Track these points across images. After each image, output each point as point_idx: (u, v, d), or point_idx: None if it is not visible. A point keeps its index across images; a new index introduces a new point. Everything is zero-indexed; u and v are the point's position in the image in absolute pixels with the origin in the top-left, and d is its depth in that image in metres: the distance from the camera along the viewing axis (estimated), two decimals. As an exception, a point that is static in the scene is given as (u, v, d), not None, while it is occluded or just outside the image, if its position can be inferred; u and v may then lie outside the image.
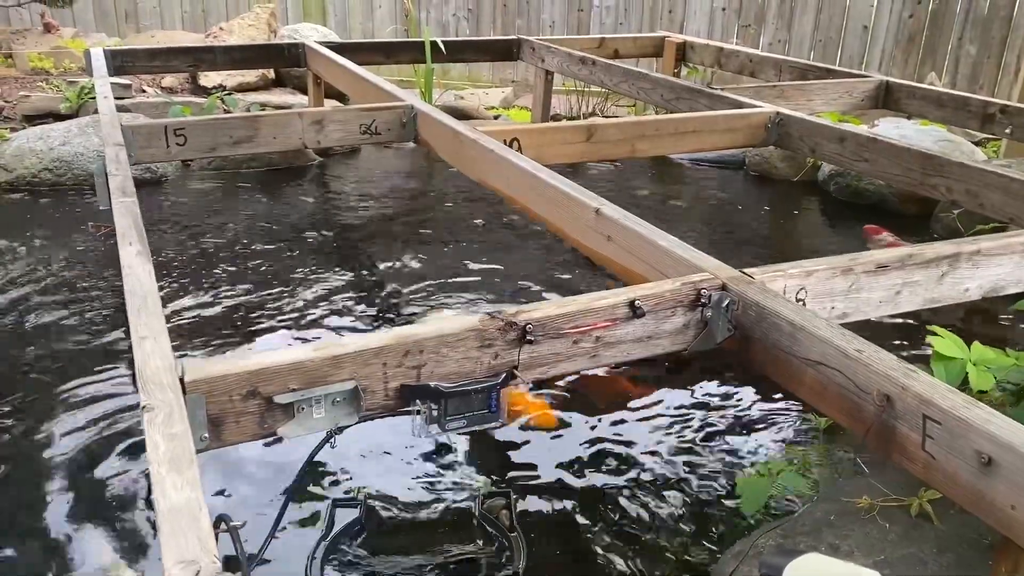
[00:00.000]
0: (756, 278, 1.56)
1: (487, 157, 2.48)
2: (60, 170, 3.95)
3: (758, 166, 4.56)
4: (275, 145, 2.91)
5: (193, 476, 1.01)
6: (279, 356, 1.29)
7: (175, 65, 4.47)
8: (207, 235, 3.44)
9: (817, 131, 2.96)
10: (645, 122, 3.01)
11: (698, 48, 4.97)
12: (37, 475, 1.94)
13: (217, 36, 5.50)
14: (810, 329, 1.39)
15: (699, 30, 6.68)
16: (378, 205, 3.96)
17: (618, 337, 1.49)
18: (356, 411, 1.34)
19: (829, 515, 1.50)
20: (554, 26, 7.03)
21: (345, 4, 7.25)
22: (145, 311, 1.42)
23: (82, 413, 2.19)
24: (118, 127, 2.61)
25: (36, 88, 4.89)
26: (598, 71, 4.17)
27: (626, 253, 1.85)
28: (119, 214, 1.91)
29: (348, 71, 3.76)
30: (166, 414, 1.13)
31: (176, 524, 0.94)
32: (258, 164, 4.31)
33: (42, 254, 3.19)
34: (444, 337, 1.39)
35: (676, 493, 1.91)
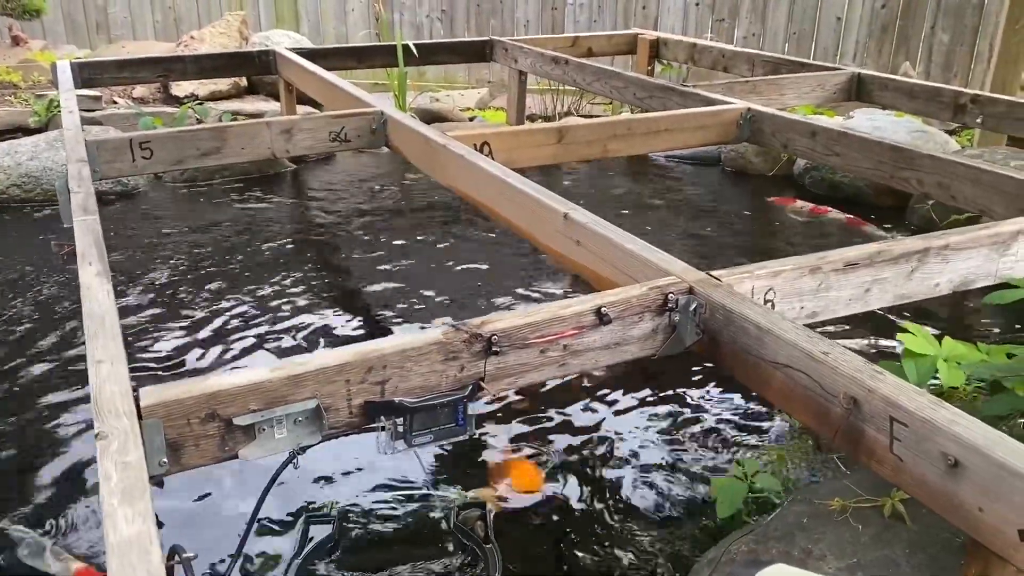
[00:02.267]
0: (723, 280, 1.55)
1: (456, 162, 2.46)
2: (28, 186, 3.90)
3: (733, 161, 4.56)
4: (244, 155, 2.88)
5: (145, 507, 0.99)
6: (237, 377, 1.26)
7: (144, 76, 4.42)
8: (176, 249, 3.40)
9: (788, 126, 2.95)
10: (616, 122, 3.00)
11: (671, 44, 4.97)
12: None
13: (188, 45, 5.45)
14: (777, 332, 1.38)
15: (673, 25, 6.69)
16: (350, 212, 3.93)
17: (586, 345, 1.48)
18: (319, 430, 1.32)
19: (802, 518, 1.49)
20: (528, 25, 7.02)
21: (317, 9, 7.21)
22: (102, 334, 1.40)
23: (40, 437, 2.16)
24: (82, 142, 2.57)
25: (4, 103, 4.84)
26: (571, 71, 4.16)
27: (595, 257, 1.83)
28: (80, 232, 1.87)
29: (318, 77, 3.73)
30: (120, 442, 1.11)
31: (126, 558, 0.91)
32: (231, 174, 4.28)
33: (6, 273, 3.15)
34: (407, 351, 1.37)
35: (651, 498, 1.90)
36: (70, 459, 2.08)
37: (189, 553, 1.00)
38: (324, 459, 1.97)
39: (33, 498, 1.93)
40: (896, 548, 1.37)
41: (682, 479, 1.96)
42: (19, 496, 1.94)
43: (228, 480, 1.94)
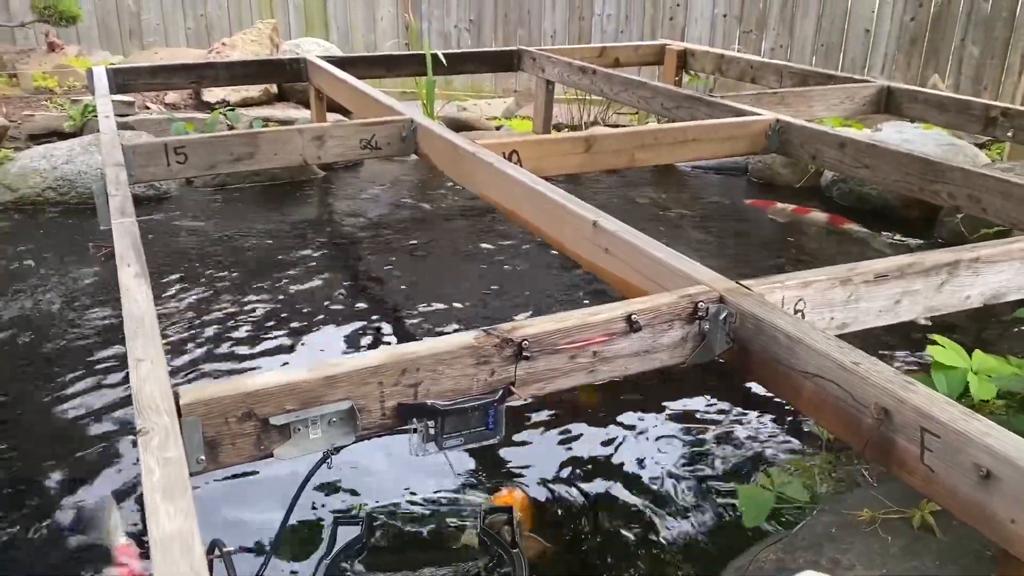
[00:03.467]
0: (754, 290, 1.56)
1: (486, 170, 2.48)
2: (63, 189, 3.97)
3: (760, 172, 4.55)
4: (276, 161, 2.92)
5: (187, 503, 1.01)
6: (275, 377, 1.29)
7: (177, 82, 4.49)
8: (208, 252, 3.45)
9: (817, 138, 2.95)
10: (644, 132, 3.01)
11: (699, 55, 4.97)
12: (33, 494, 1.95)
13: (220, 52, 5.52)
14: (807, 341, 1.38)
15: (700, 37, 6.69)
16: (379, 219, 3.97)
17: (615, 352, 1.49)
18: (353, 431, 1.34)
19: (830, 528, 1.49)
20: (555, 35, 7.05)
21: (347, 18, 7.29)
22: (142, 333, 1.43)
23: (80, 433, 2.20)
24: (118, 146, 2.62)
25: (40, 107, 4.93)
26: (598, 80, 4.18)
27: (624, 265, 1.85)
28: (118, 235, 1.91)
29: (349, 85, 3.77)
30: (161, 438, 1.13)
31: (169, 552, 0.94)
32: (261, 179, 4.33)
33: (46, 274, 3.21)
34: (440, 355, 1.39)
35: (677, 505, 1.90)
36: (108, 452, 2.12)
37: (229, 547, 1.02)
38: (355, 461, 1.99)
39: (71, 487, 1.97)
40: (926, 559, 1.37)
41: (707, 487, 1.96)
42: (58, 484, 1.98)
43: (262, 478, 1.97)
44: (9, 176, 4.00)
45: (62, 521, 1.87)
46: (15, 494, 1.96)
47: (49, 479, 2.02)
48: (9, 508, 1.91)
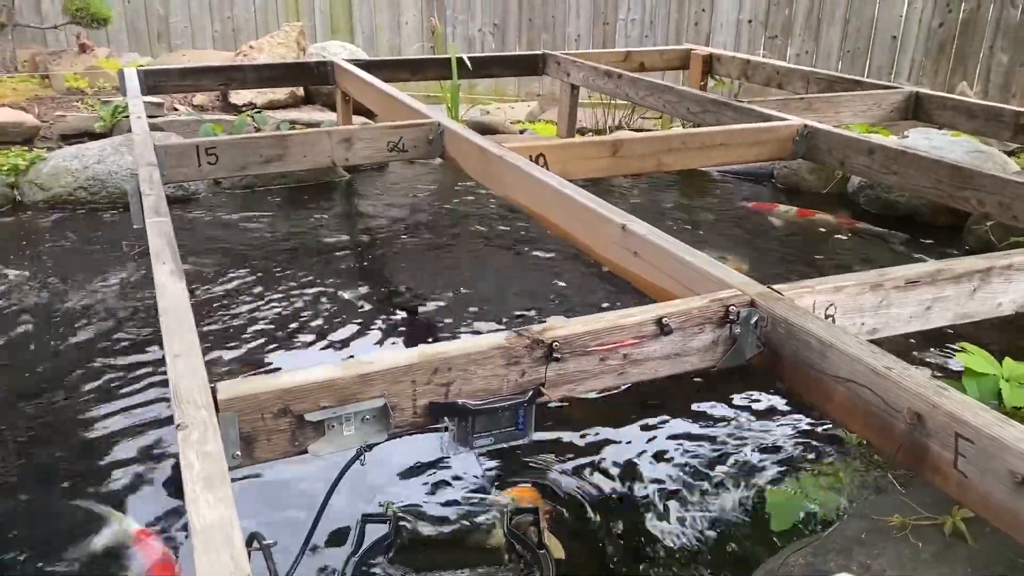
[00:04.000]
0: (785, 294, 1.56)
1: (513, 173, 2.49)
2: (94, 188, 4.03)
3: (786, 178, 4.53)
4: (304, 163, 2.95)
5: (226, 494, 1.03)
6: (310, 374, 1.30)
7: (206, 84, 4.54)
8: (237, 252, 3.49)
9: (845, 143, 2.94)
10: (671, 136, 3.01)
11: (724, 60, 4.97)
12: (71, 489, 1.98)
13: (247, 54, 5.58)
14: (839, 346, 1.38)
15: (725, 42, 6.68)
16: (406, 221, 3.99)
17: (646, 355, 1.49)
18: (386, 428, 1.36)
19: (860, 533, 1.48)
20: (579, 40, 7.06)
21: (372, 22, 7.34)
22: (179, 330, 1.45)
23: (114, 427, 2.23)
24: (151, 147, 2.66)
25: (71, 108, 5.00)
26: (624, 85, 4.18)
27: (653, 269, 1.85)
28: (153, 233, 1.94)
29: (375, 88, 3.80)
30: (200, 432, 1.15)
31: (209, 542, 0.95)
32: (288, 181, 4.37)
33: (78, 271, 3.25)
34: (471, 355, 1.40)
35: (704, 508, 1.90)
36: (143, 443, 2.15)
37: (268, 540, 1.04)
38: (384, 459, 2.01)
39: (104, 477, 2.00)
40: (957, 567, 1.36)
41: (735, 490, 1.96)
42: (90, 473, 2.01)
43: (293, 475, 1.99)
44: (42, 175, 4.06)
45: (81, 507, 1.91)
46: (46, 478, 2.00)
47: (81, 463, 2.05)
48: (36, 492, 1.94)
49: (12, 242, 3.58)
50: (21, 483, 2.01)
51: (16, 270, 3.25)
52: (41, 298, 3.01)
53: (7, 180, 4.07)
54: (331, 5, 7.35)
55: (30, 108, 4.91)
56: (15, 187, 4.09)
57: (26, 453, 2.13)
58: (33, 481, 2.02)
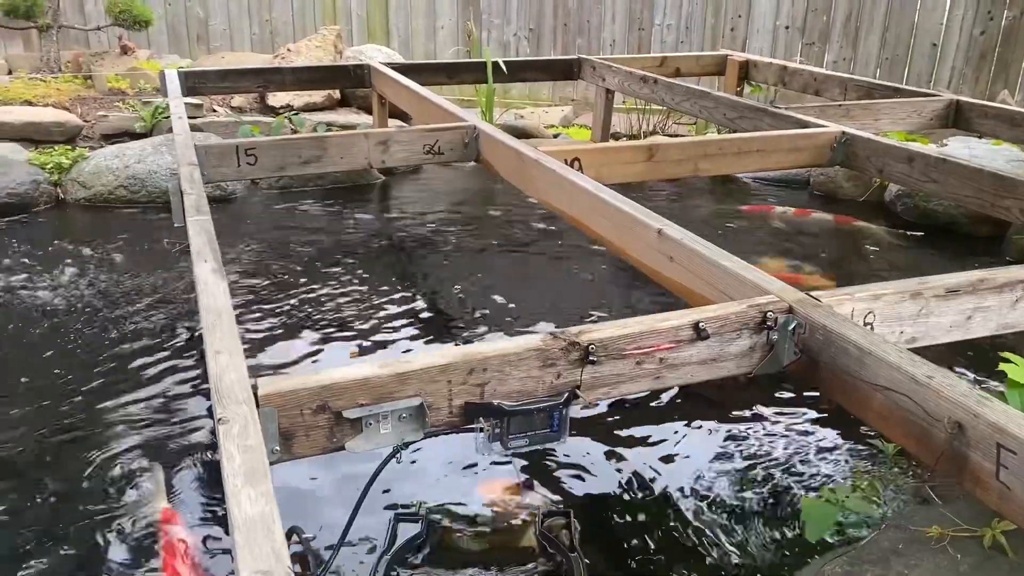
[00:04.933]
0: (823, 301, 1.55)
1: (548, 177, 2.50)
2: (134, 187, 4.09)
3: (823, 185, 4.49)
4: (342, 165, 2.98)
5: (267, 488, 1.04)
6: (349, 372, 1.32)
7: (245, 86, 4.60)
8: (275, 251, 3.53)
9: (884, 151, 2.91)
10: (707, 141, 3.00)
11: (761, 66, 4.94)
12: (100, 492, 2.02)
13: (285, 57, 5.64)
14: (879, 354, 1.37)
15: (762, 48, 6.63)
16: (440, 223, 4.01)
17: (682, 359, 1.49)
18: (422, 427, 1.37)
19: (897, 544, 1.47)
20: (614, 45, 7.06)
21: (408, 26, 7.38)
22: (220, 326, 1.47)
23: (148, 416, 2.27)
24: (192, 147, 2.70)
25: (113, 108, 5.08)
26: (659, 90, 4.17)
27: (688, 274, 1.85)
28: (194, 232, 1.97)
29: (412, 91, 3.82)
30: (241, 426, 1.17)
31: (251, 535, 0.97)
32: (323, 182, 4.41)
33: (118, 268, 3.31)
34: (507, 356, 1.40)
35: (738, 516, 1.89)
36: (173, 435, 2.18)
37: (308, 534, 1.05)
38: (416, 458, 2.03)
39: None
40: (997, 580, 1.34)
41: (771, 499, 1.94)
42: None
43: (328, 471, 2.01)
44: (84, 174, 4.13)
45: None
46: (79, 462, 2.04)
47: (113, 448, 2.10)
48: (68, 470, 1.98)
49: (55, 239, 3.65)
50: (61, 454, 2.05)
51: (59, 266, 3.31)
52: (82, 293, 3.07)
53: (51, 178, 4.15)
54: (368, 9, 7.41)
55: (73, 108, 5.00)
56: (58, 185, 4.17)
57: (62, 436, 2.17)
58: (70, 453, 2.06)
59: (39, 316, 2.90)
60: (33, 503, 1.93)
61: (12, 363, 2.58)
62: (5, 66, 5.99)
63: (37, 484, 2.00)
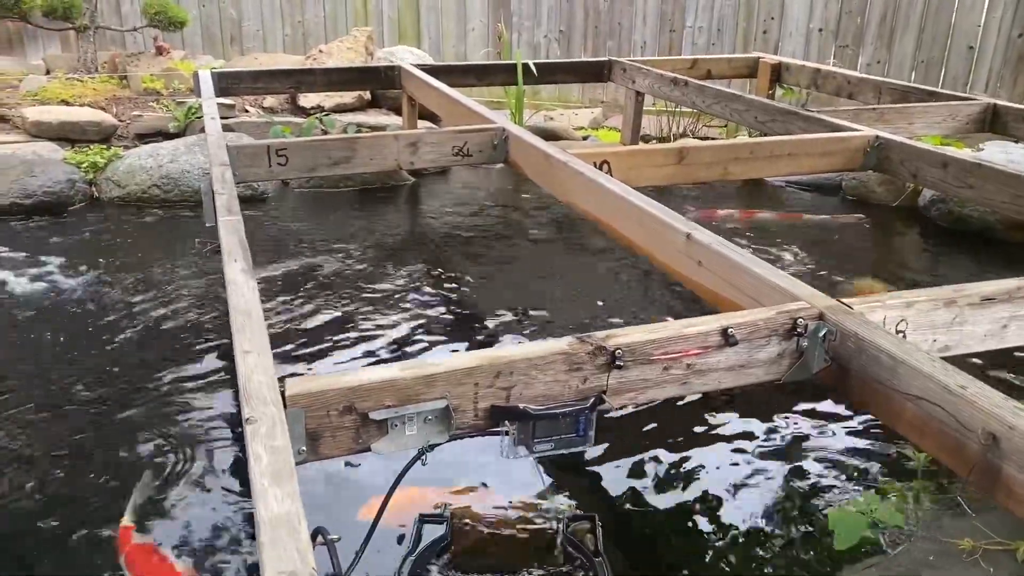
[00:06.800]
0: (855, 308, 1.53)
1: (577, 179, 2.49)
2: (168, 187, 4.14)
3: (855, 190, 4.44)
4: (371, 166, 2.99)
5: (293, 489, 1.05)
6: (375, 373, 1.32)
7: (277, 86, 4.64)
8: (305, 251, 3.55)
9: (919, 156, 2.87)
10: (738, 145, 2.98)
11: (794, 69, 4.89)
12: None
13: (317, 58, 5.68)
14: (911, 363, 1.35)
15: (794, 51, 6.57)
16: (469, 224, 4.02)
17: (710, 365, 1.48)
18: (447, 430, 1.37)
19: (928, 555, 1.44)
20: (645, 47, 7.02)
21: (439, 27, 7.40)
22: (249, 326, 1.48)
23: (177, 417, 2.29)
24: (224, 147, 2.72)
25: (148, 108, 5.15)
26: (690, 92, 4.15)
27: (717, 279, 1.83)
28: (225, 232, 1.99)
29: (441, 93, 3.83)
30: (268, 427, 1.17)
31: (276, 535, 0.97)
32: (353, 183, 4.44)
33: (151, 266, 3.35)
34: (533, 359, 1.40)
35: (765, 525, 1.87)
36: (199, 436, 2.21)
37: (333, 535, 1.06)
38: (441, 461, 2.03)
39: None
40: (1030, 595, 1.31)
41: (799, 507, 1.92)
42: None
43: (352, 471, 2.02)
44: (118, 173, 4.19)
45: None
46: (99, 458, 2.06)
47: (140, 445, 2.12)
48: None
49: (90, 236, 3.71)
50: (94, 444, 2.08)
51: (92, 264, 3.36)
52: (113, 290, 3.11)
53: (86, 177, 4.22)
54: (399, 11, 7.44)
55: (108, 108, 5.08)
56: (93, 184, 4.23)
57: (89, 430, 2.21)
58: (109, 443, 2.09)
59: (75, 311, 2.94)
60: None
61: (44, 354, 2.63)
62: (43, 66, 6.10)
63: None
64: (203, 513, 1.94)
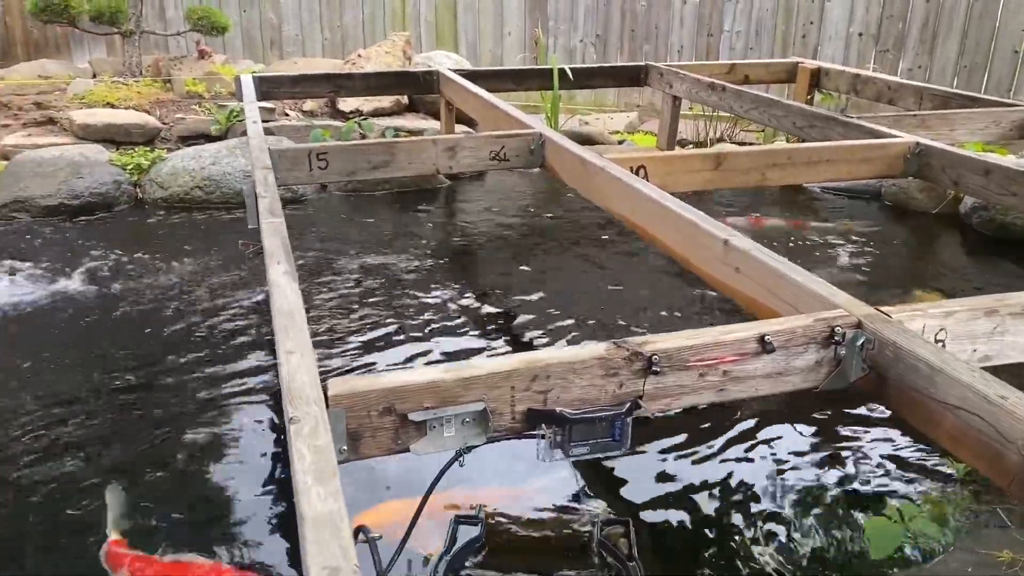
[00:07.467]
0: (893, 317, 1.52)
1: (613, 184, 2.50)
2: (209, 188, 4.22)
3: (894, 196, 4.39)
4: (410, 170, 3.02)
5: (336, 487, 1.07)
6: (415, 375, 1.35)
7: (317, 91, 4.70)
8: (342, 251, 3.60)
9: (961, 163, 2.84)
10: (776, 150, 2.97)
11: (833, 74, 4.85)
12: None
13: (355, 63, 5.74)
14: (950, 372, 1.34)
15: (833, 56, 6.51)
16: (505, 228, 4.04)
17: (747, 372, 1.48)
18: (484, 432, 1.39)
19: (966, 567, 1.43)
20: (682, 51, 7.00)
21: (476, 32, 7.45)
22: (292, 327, 1.51)
23: (218, 418, 2.34)
24: (266, 151, 2.77)
25: (190, 111, 5.25)
26: (728, 97, 4.13)
27: (755, 285, 1.83)
28: (267, 234, 2.03)
29: (479, 97, 3.86)
30: (311, 427, 1.20)
31: (320, 532, 1.00)
32: (390, 186, 4.49)
33: (193, 266, 3.42)
34: (570, 364, 1.41)
35: (799, 532, 1.87)
36: (235, 434, 2.25)
37: (374, 533, 1.08)
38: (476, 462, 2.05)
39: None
40: (1071, 608, 1.30)
41: (834, 516, 1.91)
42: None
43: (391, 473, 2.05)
44: (162, 175, 4.28)
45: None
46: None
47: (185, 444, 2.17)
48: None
49: (134, 236, 3.79)
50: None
51: (138, 263, 3.44)
52: (155, 290, 3.18)
53: (131, 178, 4.31)
54: (436, 15, 7.50)
55: (152, 111, 5.18)
56: (138, 185, 4.32)
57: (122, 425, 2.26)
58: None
59: (121, 307, 3.01)
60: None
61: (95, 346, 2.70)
62: (90, 70, 6.24)
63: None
64: (242, 511, 1.98)
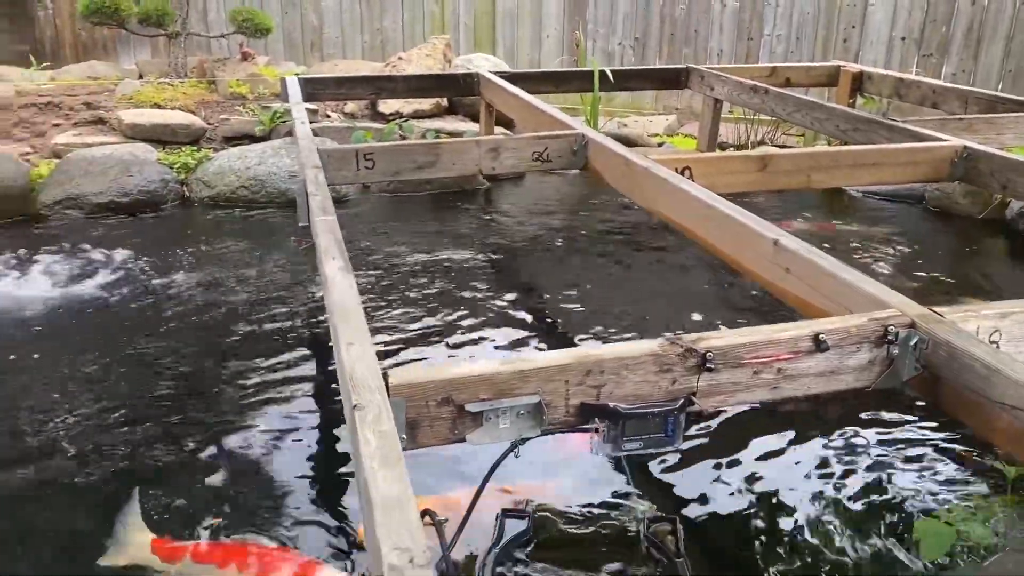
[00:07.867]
0: (947, 317, 1.52)
1: (659, 186, 2.51)
2: (255, 188, 4.29)
3: (938, 201, 4.35)
4: (453, 171, 3.06)
5: (402, 471, 1.10)
6: (472, 367, 1.37)
7: (359, 92, 4.76)
8: (387, 250, 3.64)
9: (1011, 167, 2.81)
10: (820, 153, 2.96)
11: (876, 78, 4.82)
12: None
13: (396, 65, 5.80)
14: (1006, 372, 1.34)
15: (875, 60, 6.46)
16: (546, 229, 4.07)
17: (800, 370, 1.49)
18: (539, 424, 1.41)
19: (1019, 570, 1.43)
20: (722, 54, 6.98)
21: (514, 35, 7.49)
22: (351, 319, 1.55)
23: (269, 409, 2.39)
24: (315, 151, 2.82)
25: (234, 112, 5.33)
26: (770, 100, 4.12)
27: (805, 286, 1.84)
28: (321, 231, 2.07)
29: (520, 99, 3.89)
30: (375, 414, 1.23)
31: (389, 515, 1.02)
32: (432, 187, 4.54)
33: (243, 262, 3.48)
34: (624, 359, 1.43)
35: (848, 532, 1.87)
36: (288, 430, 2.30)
37: (441, 516, 1.11)
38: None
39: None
40: None
41: (883, 516, 1.91)
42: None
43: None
44: (208, 174, 4.36)
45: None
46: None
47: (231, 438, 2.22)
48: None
49: (182, 234, 3.87)
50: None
51: (185, 260, 3.51)
52: (204, 285, 3.24)
53: (178, 177, 4.40)
54: (475, 18, 7.55)
55: (197, 111, 5.27)
56: (184, 183, 4.41)
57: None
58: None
59: (172, 302, 3.08)
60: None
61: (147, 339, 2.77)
62: (136, 71, 6.36)
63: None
64: (295, 500, 2.02)
